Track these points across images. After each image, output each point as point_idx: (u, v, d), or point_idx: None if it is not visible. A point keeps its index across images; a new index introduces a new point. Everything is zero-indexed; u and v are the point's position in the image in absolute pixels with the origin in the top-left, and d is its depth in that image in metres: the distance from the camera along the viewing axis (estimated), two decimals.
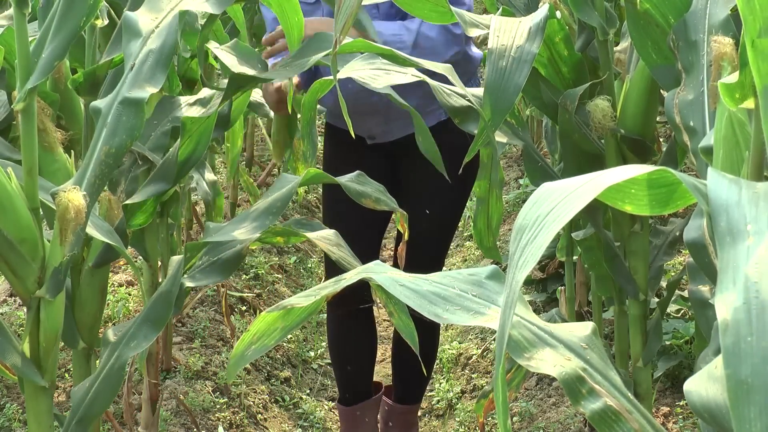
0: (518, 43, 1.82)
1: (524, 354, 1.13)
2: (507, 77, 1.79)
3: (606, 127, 2.08)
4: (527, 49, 1.81)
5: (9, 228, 1.69)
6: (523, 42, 1.82)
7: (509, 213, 4.82)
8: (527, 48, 1.81)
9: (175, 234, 3.27)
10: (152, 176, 2.11)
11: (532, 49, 1.81)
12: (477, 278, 1.23)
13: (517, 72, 1.79)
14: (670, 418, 2.90)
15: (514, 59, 1.80)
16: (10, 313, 3.70)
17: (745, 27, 0.97)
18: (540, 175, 2.24)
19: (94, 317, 2.10)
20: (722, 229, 0.75)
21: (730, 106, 1.13)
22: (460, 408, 3.49)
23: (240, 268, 4.51)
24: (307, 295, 1.39)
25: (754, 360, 0.67)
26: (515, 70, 1.80)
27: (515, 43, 1.82)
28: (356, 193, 2.06)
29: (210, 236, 2.04)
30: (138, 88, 1.74)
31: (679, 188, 0.99)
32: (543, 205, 0.88)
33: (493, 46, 1.82)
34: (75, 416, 1.81)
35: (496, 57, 1.80)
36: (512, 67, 1.80)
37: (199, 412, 3.23)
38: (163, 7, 1.86)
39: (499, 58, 1.80)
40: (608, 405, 1.10)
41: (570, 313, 2.94)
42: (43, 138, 1.99)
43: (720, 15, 1.68)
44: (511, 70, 1.80)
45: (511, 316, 0.84)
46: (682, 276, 2.29)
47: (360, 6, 1.33)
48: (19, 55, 1.71)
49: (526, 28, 1.85)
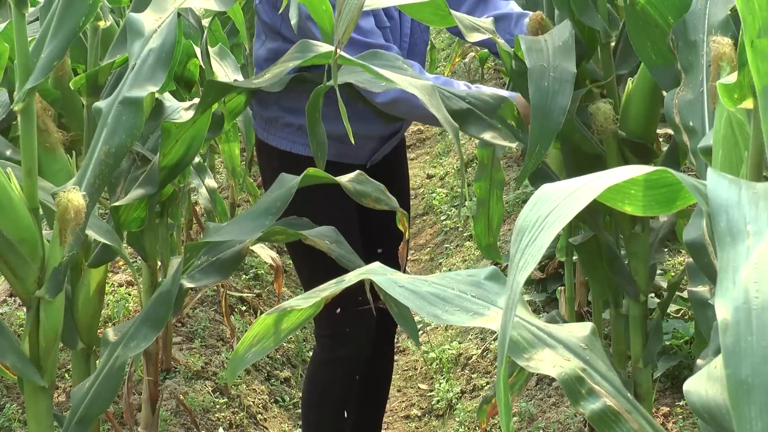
0: (554, 62, 1.83)
1: (524, 355, 1.13)
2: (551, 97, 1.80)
3: (608, 130, 2.08)
4: (565, 68, 1.82)
5: (9, 228, 1.69)
6: (559, 61, 1.83)
7: (509, 213, 4.82)
8: (565, 67, 1.82)
9: (175, 234, 3.27)
10: (141, 180, 2.12)
11: (570, 67, 1.82)
12: (476, 279, 1.23)
13: (560, 91, 1.80)
14: (670, 418, 2.90)
15: (555, 79, 1.81)
16: (10, 313, 3.70)
17: (744, 27, 0.97)
18: (540, 176, 2.24)
19: (93, 317, 2.10)
20: (722, 229, 0.75)
21: (729, 107, 1.13)
22: (460, 408, 3.49)
23: (240, 268, 4.51)
24: (306, 297, 1.39)
25: (755, 360, 0.67)
26: (558, 90, 1.81)
27: (552, 63, 1.83)
28: (356, 193, 2.06)
29: (210, 236, 2.04)
30: (138, 88, 1.74)
31: (679, 189, 0.99)
32: (543, 207, 0.88)
33: (532, 65, 1.82)
34: (75, 416, 1.81)
35: (537, 77, 1.81)
36: (555, 86, 1.81)
37: (199, 412, 3.23)
38: (168, 7, 1.86)
39: (540, 78, 1.81)
40: (608, 405, 1.10)
41: (570, 313, 2.94)
42: (45, 138, 1.99)
43: (719, 15, 1.68)
44: (554, 90, 1.81)
45: (513, 317, 0.84)
46: (682, 276, 2.29)
47: (361, 11, 1.33)
48: (18, 55, 1.71)
49: (557, 46, 1.85)
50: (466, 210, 5.00)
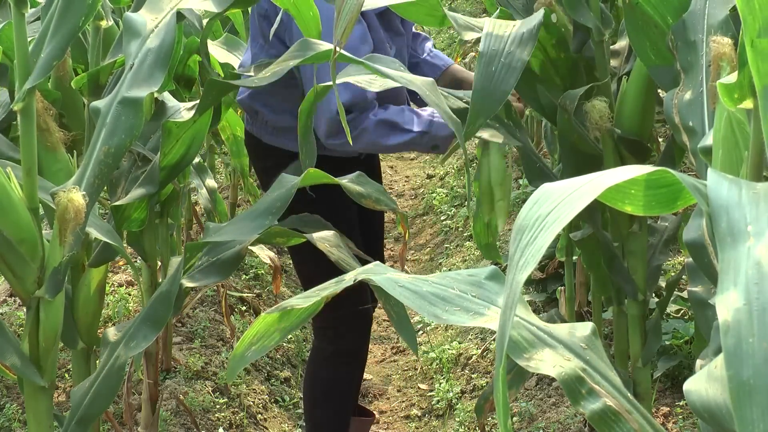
0: (509, 49, 1.81)
1: (524, 354, 1.13)
2: (495, 83, 1.78)
3: (603, 128, 2.08)
4: (517, 56, 1.80)
5: (8, 228, 1.69)
6: (514, 48, 1.81)
7: (509, 213, 4.82)
8: (518, 54, 1.80)
9: (175, 234, 3.27)
10: (141, 180, 2.12)
11: (523, 56, 1.80)
12: (476, 279, 1.23)
13: (505, 78, 1.78)
14: (670, 418, 2.90)
15: (504, 65, 1.79)
16: (9, 313, 3.70)
17: (744, 27, 0.97)
18: (538, 175, 2.24)
19: (93, 317, 2.10)
20: (723, 230, 0.75)
21: (729, 107, 1.13)
22: (460, 408, 3.49)
23: (240, 268, 4.51)
24: (306, 296, 1.39)
25: (756, 361, 0.66)
26: (504, 76, 1.79)
27: (506, 49, 1.81)
28: (357, 193, 2.06)
29: (210, 236, 2.04)
30: (137, 88, 1.74)
31: (679, 189, 0.99)
32: (543, 206, 0.88)
33: (484, 49, 1.81)
34: (75, 416, 1.81)
35: (486, 61, 1.79)
36: (501, 72, 1.79)
37: (199, 412, 3.23)
38: (164, 7, 1.86)
39: (489, 63, 1.79)
40: (608, 405, 1.10)
41: (570, 313, 2.94)
42: (46, 138, 1.99)
43: (719, 15, 1.68)
44: (499, 76, 1.79)
45: (512, 317, 0.84)
46: (681, 276, 2.29)
47: (360, 10, 1.33)
48: (18, 54, 1.70)
49: (518, 34, 1.84)
50: (466, 210, 5.00)
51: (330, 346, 2.84)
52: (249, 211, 2.07)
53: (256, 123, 2.77)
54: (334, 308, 1.81)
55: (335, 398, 2.87)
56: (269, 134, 2.74)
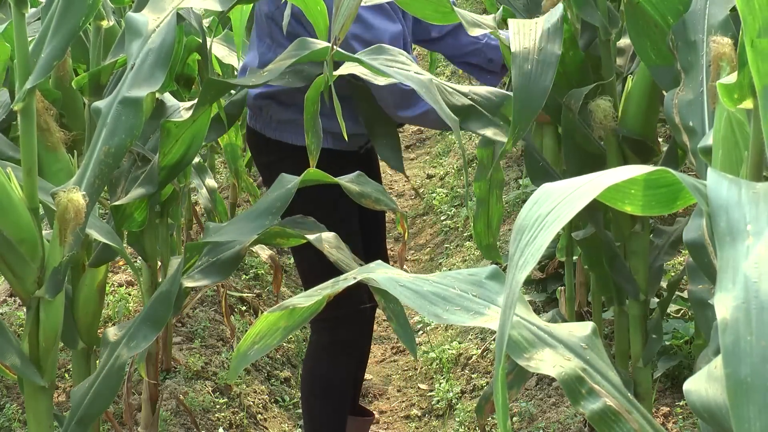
0: (540, 45, 1.82)
1: (524, 354, 1.13)
2: (533, 80, 1.79)
3: (607, 128, 2.08)
4: (550, 51, 1.81)
5: (8, 228, 1.69)
6: (544, 44, 1.82)
7: (509, 213, 4.81)
8: (549, 49, 1.81)
9: (175, 234, 3.27)
10: (141, 179, 2.12)
11: (555, 50, 1.81)
12: (477, 278, 1.23)
13: (542, 75, 1.79)
14: (670, 418, 2.90)
15: (539, 62, 1.80)
16: (10, 313, 3.70)
17: (744, 27, 0.97)
18: (541, 174, 2.24)
19: (93, 317, 2.10)
20: (722, 229, 0.75)
21: (729, 107, 1.13)
22: (460, 408, 3.49)
23: (240, 268, 4.51)
24: (308, 295, 1.39)
25: (754, 359, 0.67)
26: (541, 73, 1.80)
27: (537, 46, 1.82)
28: (357, 193, 2.07)
29: (210, 236, 2.04)
30: (137, 88, 1.75)
31: (679, 189, 0.99)
32: (543, 206, 0.88)
33: (516, 49, 1.82)
34: (75, 416, 1.81)
35: (520, 60, 1.80)
36: (537, 69, 1.80)
37: (199, 412, 3.23)
38: (166, 7, 1.87)
39: (523, 62, 1.80)
40: (608, 405, 1.10)
41: (570, 313, 2.93)
42: (46, 138, 1.99)
43: (719, 15, 1.68)
44: (536, 73, 1.80)
45: (511, 316, 0.84)
46: (682, 276, 2.29)
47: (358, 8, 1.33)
48: (18, 55, 1.71)
49: (545, 30, 1.84)
50: (466, 210, 5.00)
51: (328, 337, 2.84)
52: (249, 211, 2.07)
53: (259, 119, 2.78)
54: (334, 308, 1.82)
55: (334, 395, 2.88)
56: (272, 129, 2.75)
